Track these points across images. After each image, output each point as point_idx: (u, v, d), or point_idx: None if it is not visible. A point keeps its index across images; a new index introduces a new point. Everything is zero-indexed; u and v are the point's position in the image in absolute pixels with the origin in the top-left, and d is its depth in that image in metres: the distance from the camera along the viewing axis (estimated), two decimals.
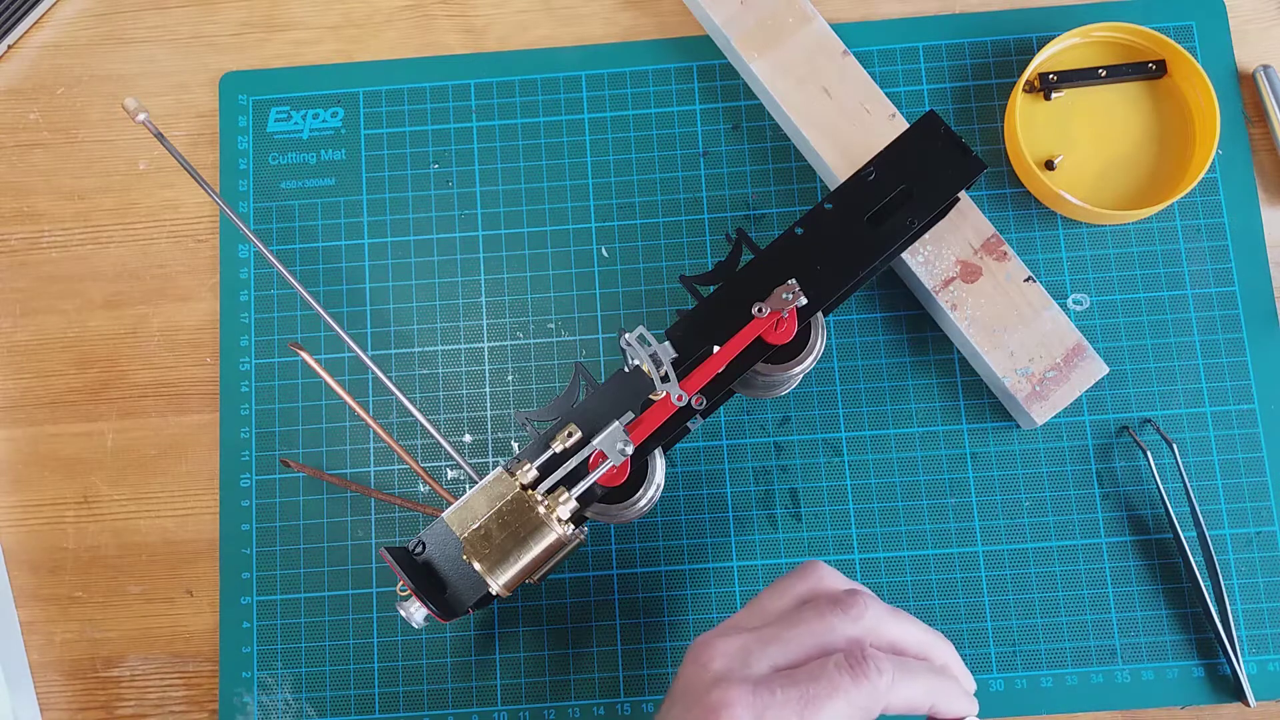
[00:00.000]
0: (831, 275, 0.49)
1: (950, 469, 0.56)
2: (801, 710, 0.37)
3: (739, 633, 0.40)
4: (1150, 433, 0.56)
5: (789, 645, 0.39)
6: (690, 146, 0.60)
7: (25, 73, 0.63)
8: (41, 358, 0.60)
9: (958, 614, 0.55)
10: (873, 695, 0.37)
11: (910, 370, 0.57)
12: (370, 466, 0.57)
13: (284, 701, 0.55)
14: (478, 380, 0.58)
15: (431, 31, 0.62)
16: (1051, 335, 0.54)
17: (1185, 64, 0.57)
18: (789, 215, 0.59)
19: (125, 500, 0.58)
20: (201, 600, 0.57)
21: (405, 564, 0.47)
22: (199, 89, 0.62)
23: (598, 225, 0.60)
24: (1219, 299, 0.57)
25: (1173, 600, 0.55)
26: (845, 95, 0.57)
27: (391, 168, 0.61)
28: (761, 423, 0.57)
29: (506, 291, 0.59)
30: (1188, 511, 0.55)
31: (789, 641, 0.39)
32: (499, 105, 0.61)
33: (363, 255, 0.60)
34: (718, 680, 0.38)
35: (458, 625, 0.56)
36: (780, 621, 0.40)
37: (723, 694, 0.37)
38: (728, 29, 0.58)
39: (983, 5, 0.61)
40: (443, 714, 0.55)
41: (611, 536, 0.56)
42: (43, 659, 0.57)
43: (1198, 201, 0.58)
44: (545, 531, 0.46)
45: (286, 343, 0.59)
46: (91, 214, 0.61)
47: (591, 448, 0.47)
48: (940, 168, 0.50)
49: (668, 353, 0.47)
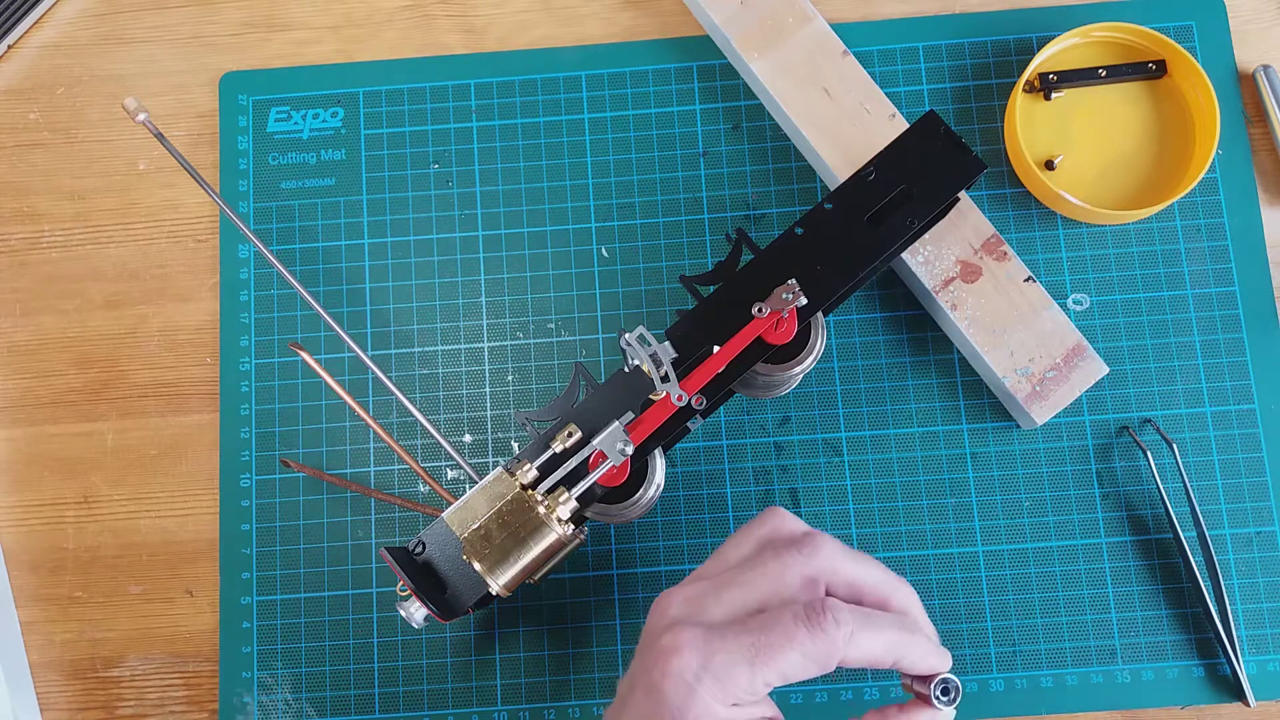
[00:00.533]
0: (831, 275, 0.49)
1: (950, 469, 0.56)
2: (753, 658, 0.36)
3: (699, 581, 0.40)
4: (1150, 433, 0.56)
5: (746, 589, 0.39)
6: (690, 146, 0.60)
7: (25, 73, 0.63)
8: (41, 358, 0.60)
9: (958, 614, 0.55)
10: (829, 647, 0.37)
11: (910, 370, 0.57)
12: (370, 466, 0.57)
13: (284, 701, 0.55)
14: (478, 380, 0.58)
15: (431, 31, 0.62)
16: (1051, 335, 0.54)
17: (1185, 64, 0.57)
18: (789, 215, 0.59)
19: (125, 500, 0.58)
20: (201, 600, 0.57)
21: (405, 564, 0.47)
22: (199, 89, 0.62)
23: (598, 225, 0.60)
24: (1219, 299, 0.57)
25: (1173, 600, 0.55)
26: (845, 95, 0.57)
27: (391, 168, 0.61)
28: (761, 423, 0.57)
29: (506, 291, 0.59)
30: (1188, 511, 0.55)
31: (745, 585, 0.39)
32: (499, 105, 0.61)
33: (363, 255, 0.60)
34: (671, 625, 0.38)
35: (458, 625, 0.56)
36: (738, 566, 0.40)
37: (674, 638, 0.37)
38: (728, 29, 0.58)
39: (983, 5, 0.61)
40: (443, 714, 0.55)
41: (611, 536, 0.56)
42: (43, 659, 0.57)
43: (1198, 201, 0.58)
44: (545, 531, 0.46)
45: (286, 343, 0.59)
46: (91, 214, 0.61)
47: (591, 448, 0.47)
48: (940, 168, 0.50)
49: (668, 353, 0.47)
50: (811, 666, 0.37)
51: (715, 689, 0.36)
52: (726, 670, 0.36)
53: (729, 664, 0.37)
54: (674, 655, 0.37)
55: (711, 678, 0.36)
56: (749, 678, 0.36)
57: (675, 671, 0.37)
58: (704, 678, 0.36)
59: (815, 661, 0.37)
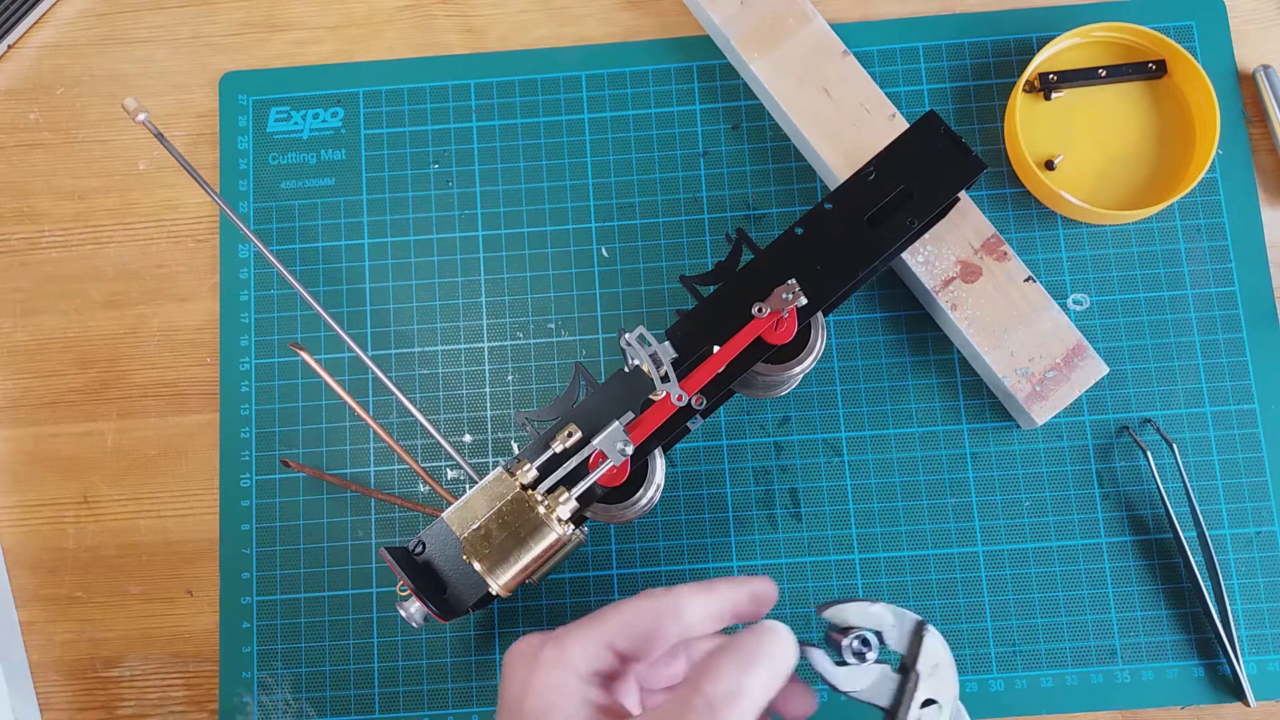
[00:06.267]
0: (831, 275, 0.49)
1: (950, 469, 0.56)
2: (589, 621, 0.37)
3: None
4: (1150, 433, 0.56)
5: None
6: (690, 146, 0.60)
7: (25, 73, 0.63)
8: (41, 358, 0.60)
9: (958, 614, 0.55)
10: (657, 602, 0.37)
11: (910, 370, 0.57)
12: (370, 466, 0.57)
13: (284, 701, 0.55)
14: (478, 380, 0.58)
15: (431, 31, 0.62)
16: (1051, 335, 0.54)
17: (1185, 64, 0.57)
18: (789, 215, 0.59)
19: (125, 500, 0.58)
20: (201, 600, 0.57)
21: (405, 564, 0.47)
22: (199, 89, 0.62)
23: (598, 225, 0.60)
24: (1219, 299, 0.57)
25: (1173, 600, 0.55)
26: (845, 95, 0.57)
27: (391, 168, 0.61)
28: (761, 423, 0.57)
29: (506, 291, 0.59)
30: (1188, 511, 0.55)
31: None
32: (499, 105, 0.61)
33: (363, 255, 0.60)
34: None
35: (458, 625, 0.56)
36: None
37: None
38: (727, 29, 0.58)
39: (983, 5, 0.61)
40: (443, 714, 0.55)
41: (611, 536, 0.56)
42: (43, 659, 0.57)
43: (1198, 201, 0.58)
44: (545, 531, 0.46)
45: (286, 343, 0.59)
46: (91, 214, 0.61)
47: (591, 448, 0.47)
48: (940, 168, 0.50)
49: (668, 353, 0.47)
50: (646, 620, 0.37)
51: (554, 651, 0.37)
52: (564, 633, 0.37)
53: (566, 629, 0.37)
54: (518, 642, 0.38)
55: (553, 642, 0.37)
56: (585, 636, 0.37)
57: (517, 652, 0.37)
58: (545, 644, 0.37)
59: (646, 613, 0.37)
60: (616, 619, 0.37)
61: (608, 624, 0.37)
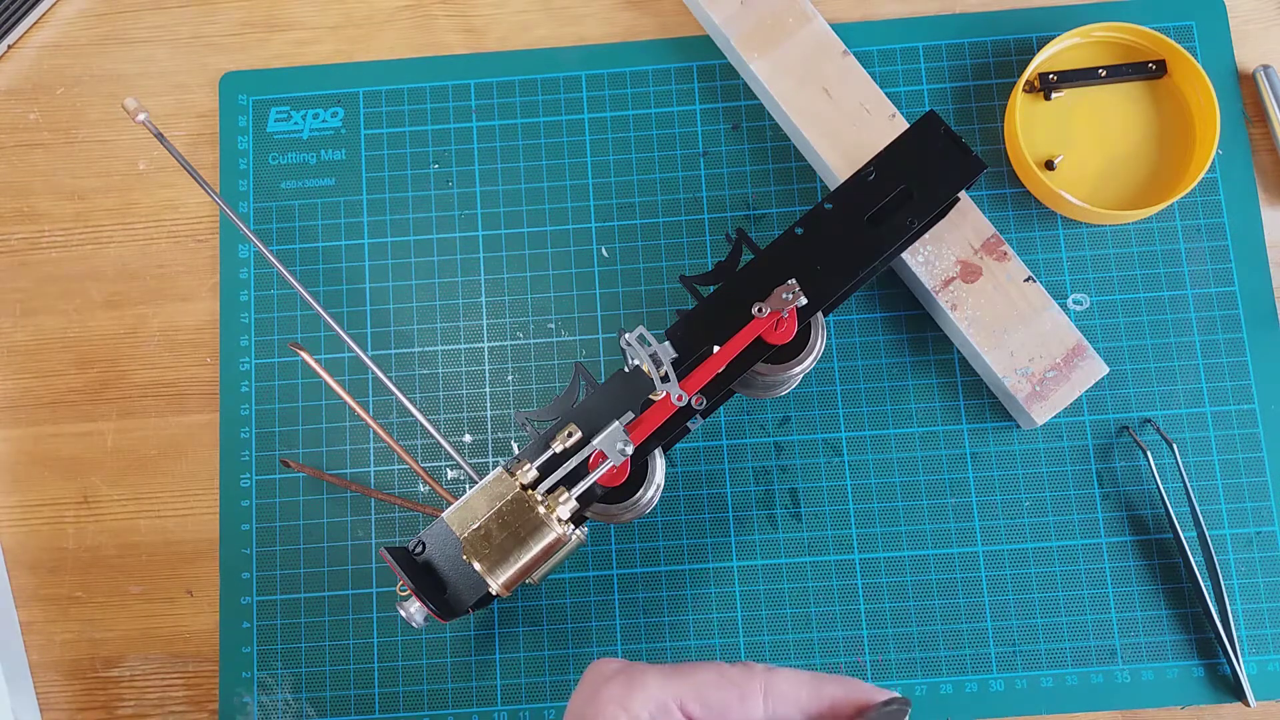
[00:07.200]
0: (831, 275, 0.49)
1: (950, 469, 0.56)
2: (669, 670, 0.36)
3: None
4: (1150, 433, 0.56)
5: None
6: (690, 146, 0.60)
7: (25, 73, 0.63)
8: (41, 358, 0.60)
9: (958, 614, 0.55)
10: (746, 671, 0.36)
11: (910, 370, 0.57)
12: (370, 466, 0.57)
13: (284, 701, 0.55)
14: (478, 380, 0.58)
15: (431, 31, 0.62)
16: (1051, 335, 0.54)
17: (1185, 64, 0.57)
18: (789, 215, 0.59)
19: (125, 500, 0.58)
20: (201, 600, 0.57)
21: (405, 564, 0.47)
22: (199, 89, 0.62)
23: (598, 225, 0.60)
24: (1219, 299, 0.57)
25: (1173, 600, 0.55)
26: (845, 95, 0.57)
27: (391, 168, 0.61)
28: (761, 423, 0.57)
29: (506, 291, 0.59)
30: (1188, 511, 0.55)
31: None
32: (499, 105, 0.61)
33: (363, 255, 0.60)
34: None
35: (458, 625, 0.56)
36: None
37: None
38: (727, 29, 0.58)
39: (983, 5, 0.61)
40: (443, 714, 0.55)
41: (611, 536, 0.56)
42: (43, 659, 0.57)
43: (1198, 201, 0.58)
44: (545, 531, 0.46)
45: (286, 343, 0.59)
46: (91, 214, 0.61)
47: (591, 448, 0.47)
48: (940, 168, 0.50)
49: (668, 353, 0.47)
50: (730, 690, 0.36)
51: (621, 689, 0.36)
52: (640, 672, 0.36)
53: (645, 669, 0.36)
54: (600, 661, 0.37)
55: (624, 678, 0.36)
56: (659, 685, 0.36)
57: (595, 670, 0.37)
58: (617, 677, 0.36)
59: (732, 683, 0.36)
60: (698, 679, 0.36)
61: (687, 681, 0.36)
